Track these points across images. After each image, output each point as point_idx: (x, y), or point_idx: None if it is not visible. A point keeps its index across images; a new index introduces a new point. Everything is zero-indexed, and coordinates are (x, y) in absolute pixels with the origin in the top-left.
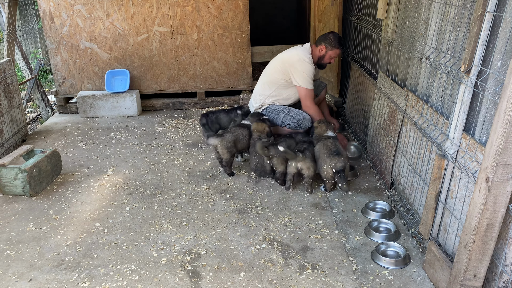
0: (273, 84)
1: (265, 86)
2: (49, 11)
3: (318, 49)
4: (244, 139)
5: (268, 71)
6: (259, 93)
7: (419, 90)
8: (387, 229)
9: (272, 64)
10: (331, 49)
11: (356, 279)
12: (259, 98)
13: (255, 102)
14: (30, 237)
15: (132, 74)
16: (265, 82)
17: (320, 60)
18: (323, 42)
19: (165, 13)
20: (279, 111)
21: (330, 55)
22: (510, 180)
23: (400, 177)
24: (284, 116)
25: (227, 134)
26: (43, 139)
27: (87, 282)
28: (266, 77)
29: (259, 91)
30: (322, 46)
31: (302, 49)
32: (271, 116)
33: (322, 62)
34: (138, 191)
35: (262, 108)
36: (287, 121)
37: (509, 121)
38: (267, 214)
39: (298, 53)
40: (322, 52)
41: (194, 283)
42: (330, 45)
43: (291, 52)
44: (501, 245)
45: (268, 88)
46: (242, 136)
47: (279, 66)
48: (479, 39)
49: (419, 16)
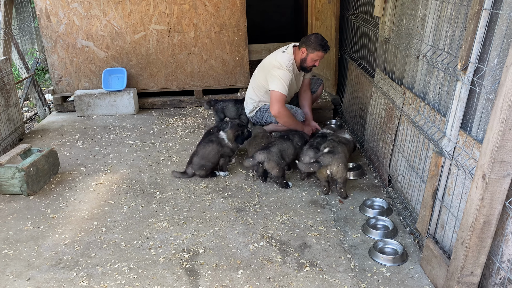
0: (260, 89)
1: (255, 92)
2: (46, 9)
3: (300, 51)
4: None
5: (255, 75)
6: (250, 97)
7: (416, 87)
8: (384, 226)
9: (257, 68)
10: (312, 52)
11: (354, 276)
12: (250, 103)
13: (247, 108)
14: (28, 236)
15: (129, 72)
16: (254, 87)
17: (302, 63)
18: (304, 45)
19: (162, 11)
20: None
21: (312, 58)
22: (507, 177)
23: (397, 175)
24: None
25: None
26: (40, 138)
27: (85, 281)
28: (253, 81)
29: (250, 95)
30: (303, 49)
31: (283, 55)
32: (265, 115)
33: (305, 65)
34: (136, 189)
35: (255, 110)
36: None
37: (506, 118)
38: (265, 212)
39: (277, 59)
40: (303, 55)
41: (193, 281)
42: (311, 47)
43: (271, 57)
44: (497, 241)
45: (257, 93)
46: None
47: (262, 72)
48: (476, 37)
49: (416, 14)
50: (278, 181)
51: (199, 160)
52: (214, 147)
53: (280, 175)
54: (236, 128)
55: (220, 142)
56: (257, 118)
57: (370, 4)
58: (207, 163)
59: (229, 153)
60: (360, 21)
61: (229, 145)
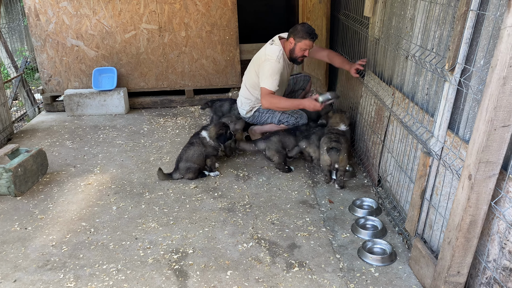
0: (254, 87)
1: (249, 91)
2: (35, 8)
3: (288, 42)
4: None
5: (248, 73)
6: (245, 97)
7: (405, 88)
8: (373, 226)
9: (249, 66)
10: (299, 40)
11: (342, 276)
12: (246, 103)
13: (243, 109)
14: (15, 237)
15: (120, 72)
16: (248, 86)
17: (291, 54)
18: (291, 35)
19: (152, 10)
20: (273, 110)
21: (300, 47)
22: (492, 177)
23: (387, 175)
24: (281, 115)
25: None
26: (29, 138)
27: (72, 282)
28: (246, 80)
29: (245, 95)
30: (290, 39)
31: (271, 47)
32: (266, 116)
33: (294, 56)
34: (125, 190)
35: (253, 110)
36: (285, 119)
37: (491, 119)
38: (255, 212)
39: (266, 52)
40: (292, 45)
41: (181, 282)
42: (298, 36)
43: (261, 52)
44: (484, 241)
45: (251, 92)
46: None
47: (253, 68)
48: (463, 37)
49: (405, 14)
50: (279, 167)
51: (184, 164)
52: (196, 149)
53: (281, 162)
54: (220, 127)
55: (202, 141)
56: (256, 118)
57: (360, 4)
58: (192, 165)
59: (213, 152)
60: (350, 21)
61: (211, 143)
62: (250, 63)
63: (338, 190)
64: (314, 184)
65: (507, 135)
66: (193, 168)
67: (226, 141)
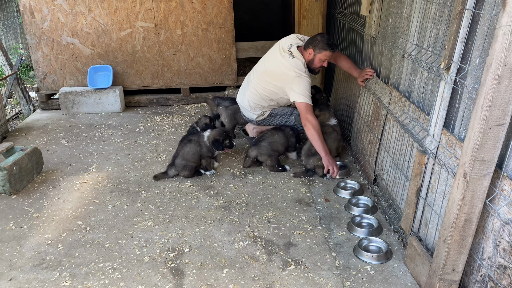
0: (271, 99)
1: (263, 98)
2: (29, 5)
3: (307, 53)
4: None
5: (262, 83)
6: (256, 102)
7: (402, 86)
8: (369, 224)
9: (262, 76)
10: (319, 52)
11: (338, 274)
12: (258, 108)
13: (253, 113)
14: (10, 236)
15: (115, 70)
16: (263, 94)
17: (310, 64)
18: (310, 45)
19: (148, 8)
20: (287, 114)
21: (319, 58)
22: (487, 175)
23: (383, 173)
24: (296, 117)
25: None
26: (24, 136)
27: (68, 281)
28: (260, 88)
29: (256, 101)
30: (309, 50)
31: (294, 61)
32: (279, 119)
33: (313, 66)
34: (121, 188)
35: (265, 114)
36: (298, 124)
37: (486, 118)
38: (251, 211)
39: (292, 67)
40: (311, 56)
41: (177, 280)
42: (318, 47)
43: (284, 66)
44: (478, 239)
45: (266, 100)
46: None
47: (270, 80)
48: (458, 36)
49: (402, 13)
50: (273, 170)
51: (181, 161)
52: (192, 147)
53: (274, 164)
54: (219, 134)
55: (199, 141)
56: (267, 121)
57: (357, 2)
58: (189, 162)
59: (207, 153)
60: (347, 20)
61: (206, 144)
62: (262, 74)
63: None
64: (310, 182)
65: (502, 133)
66: (190, 166)
67: (221, 149)
